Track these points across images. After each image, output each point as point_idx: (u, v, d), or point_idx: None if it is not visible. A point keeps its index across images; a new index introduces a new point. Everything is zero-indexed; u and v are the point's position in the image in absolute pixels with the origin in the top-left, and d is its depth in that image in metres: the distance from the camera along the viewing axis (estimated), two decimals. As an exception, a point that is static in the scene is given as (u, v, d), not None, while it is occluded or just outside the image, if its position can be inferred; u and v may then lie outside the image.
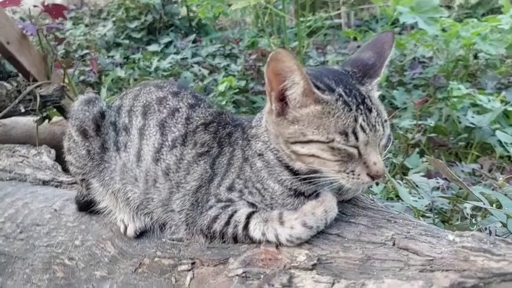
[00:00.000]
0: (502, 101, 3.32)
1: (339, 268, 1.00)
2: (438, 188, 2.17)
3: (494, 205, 1.47)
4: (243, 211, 1.12)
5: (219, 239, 1.16)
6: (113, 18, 7.25)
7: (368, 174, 1.01)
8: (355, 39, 5.34)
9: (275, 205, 1.12)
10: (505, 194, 1.59)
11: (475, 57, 4.21)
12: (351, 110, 1.01)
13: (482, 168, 2.65)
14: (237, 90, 4.85)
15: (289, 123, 1.04)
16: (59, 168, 2.13)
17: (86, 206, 1.48)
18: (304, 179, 1.08)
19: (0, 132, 2.68)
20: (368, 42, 1.17)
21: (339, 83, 1.04)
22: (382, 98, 3.97)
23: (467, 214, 1.99)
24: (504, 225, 1.29)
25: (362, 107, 1.01)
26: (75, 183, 1.80)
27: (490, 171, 2.72)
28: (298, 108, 1.03)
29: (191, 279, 1.17)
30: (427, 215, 2.15)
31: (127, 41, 6.89)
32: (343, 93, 1.02)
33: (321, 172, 1.05)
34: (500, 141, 3.08)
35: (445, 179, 2.01)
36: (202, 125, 1.25)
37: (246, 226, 1.10)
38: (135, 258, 1.31)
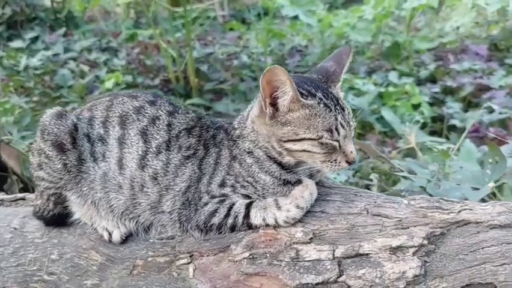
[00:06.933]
0: (374, 84, 3.87)
1: (332, 238, 1.22)
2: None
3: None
4: (241, 202, 1.28)
5: (215, 231, 1.30)
6: (-39, 11, 6.41)
7: (346, 161, 1.25)
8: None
9: (267, 194, 1.30)
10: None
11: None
12: (331, 110, 1.22)
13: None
14: (125, 86, 4.75)
15: (282, 125, 1.23)
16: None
17: (56, 220, 1.47)
18: (292, 170, 1.28)
19: None
20: (331, 54, 1.39)
21: (317, 89, 1.25)
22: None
23: (376, 178, 2.39)
24: (424, 188, 1.64)
25: (338, 107, 1.24)
26: (19, 199, 1.73)
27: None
28: (289, 112, 1.22)
29: (194, 270, 1.29)
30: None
31: (-18, 37, 6.18)
32: (322, 97, 1.23)
33: (306, 163, 1.26)
34: (377, 119, 3.62)
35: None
36: (184, 130, 1.35)
37: (247, 215, 1.26)
38: (126, 261, 1.37)
